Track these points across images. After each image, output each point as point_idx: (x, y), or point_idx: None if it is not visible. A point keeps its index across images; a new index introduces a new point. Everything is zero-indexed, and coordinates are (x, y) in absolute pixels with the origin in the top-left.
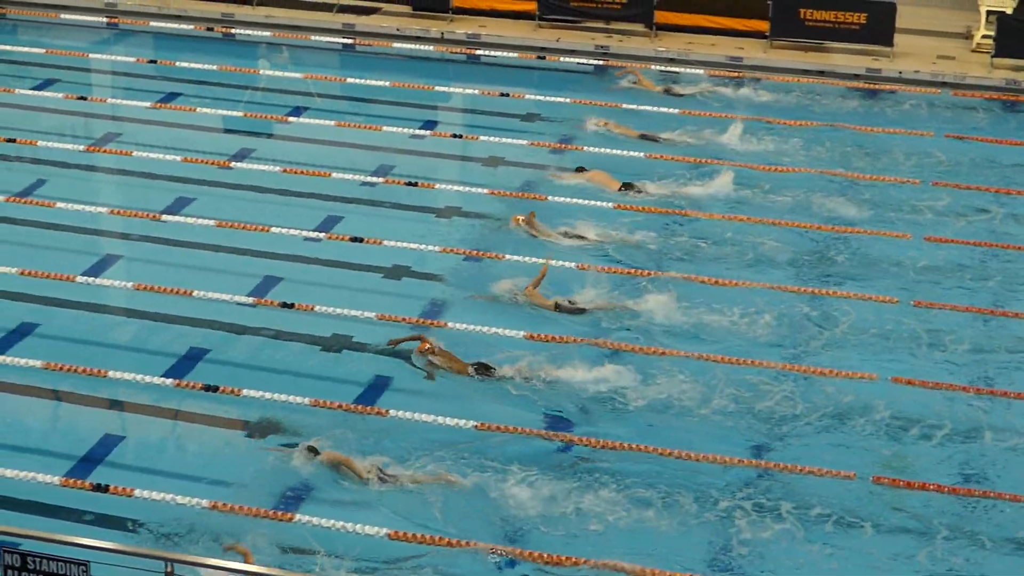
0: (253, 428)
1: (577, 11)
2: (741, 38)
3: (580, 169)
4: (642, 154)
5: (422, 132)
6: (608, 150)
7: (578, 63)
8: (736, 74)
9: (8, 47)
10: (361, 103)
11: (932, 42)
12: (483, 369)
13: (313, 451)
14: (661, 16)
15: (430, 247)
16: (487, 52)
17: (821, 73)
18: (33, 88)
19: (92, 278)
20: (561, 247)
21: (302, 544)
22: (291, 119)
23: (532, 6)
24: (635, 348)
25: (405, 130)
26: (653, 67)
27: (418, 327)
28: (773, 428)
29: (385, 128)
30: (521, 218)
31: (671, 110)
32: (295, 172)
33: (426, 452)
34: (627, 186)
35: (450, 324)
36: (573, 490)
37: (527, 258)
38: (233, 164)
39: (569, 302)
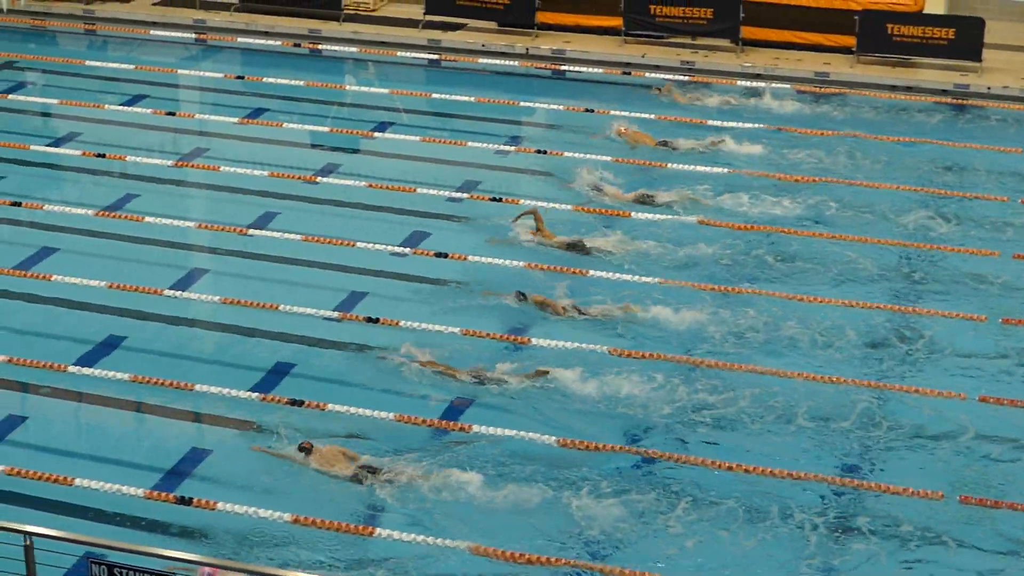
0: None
1: (663, 26)
2: (828, 53)
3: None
4: (725, 170)
5: (507, 148)
6: (693, 166)
7: (663, 79)
8: (822, 89)
9: (99, 63)
10: (446, 118)
11: (1021, 57)
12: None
13: (305, 450)
14: (747, 31)
15: (514, 262)
16: (572, 68)
17: (908, 89)
18: (123, 104)
19: (179, 292)
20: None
21: (378, 555)
22: (377, 134)
23: (618, 22)
24: (718, 364)
25: (490, 146)
26: (739, 83)
27: (503, 343)
28: (858, 446)
29: (470, 144)
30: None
31: (754, 125)
32: (381, 187)
33: (510, 465)
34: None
35: (534, 340)
36: (651, 505)
37: (613, 275)
38: (319, 179)
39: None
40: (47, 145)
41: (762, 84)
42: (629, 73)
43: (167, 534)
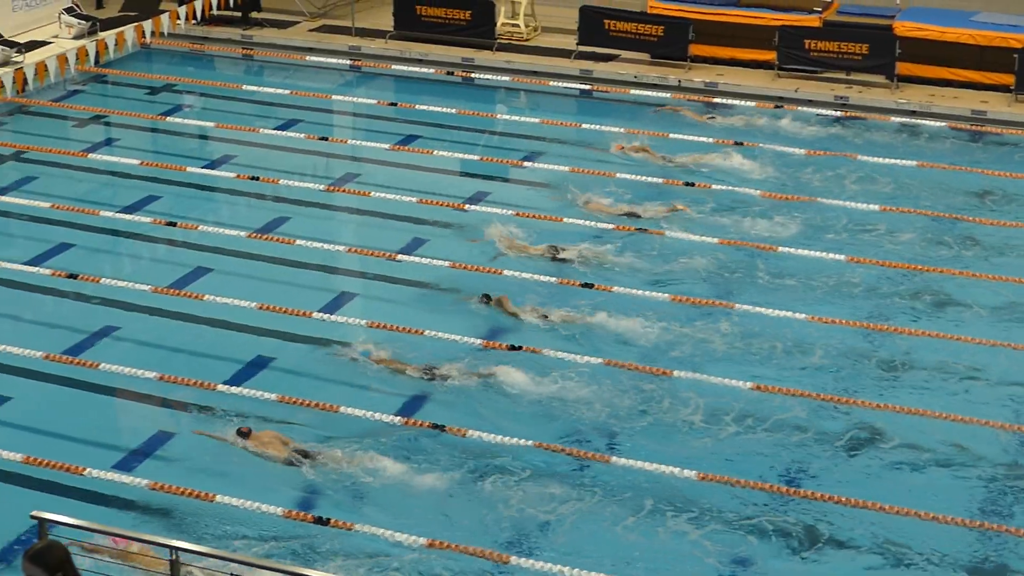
0: (475, 469)
1: (817, 61)
2: (985, 91)
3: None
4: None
5: (656, 180)
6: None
7: (816, 114)
8: (976, 127)
9: (255, 87)
10: (596, 149)
11: None
12: None
13: (243, 434)
14: (903, 67)
15: (661, 295)
16: (724, 100)
17: None
18: (277, 128)
19: (328, 315)
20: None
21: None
22: (526, 164)
23: (771, 56)
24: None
25: (640, 178)
26: (893, 119)
27: (649, 375)
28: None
29: (619, 175)
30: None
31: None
32: (528, 216)
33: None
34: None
35: (676, 372)
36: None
37: (762, 308)
38: (468, 207)
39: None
40: (203, 167)
41: (916, 121)
42: (781, 107)
43: (303, 552)
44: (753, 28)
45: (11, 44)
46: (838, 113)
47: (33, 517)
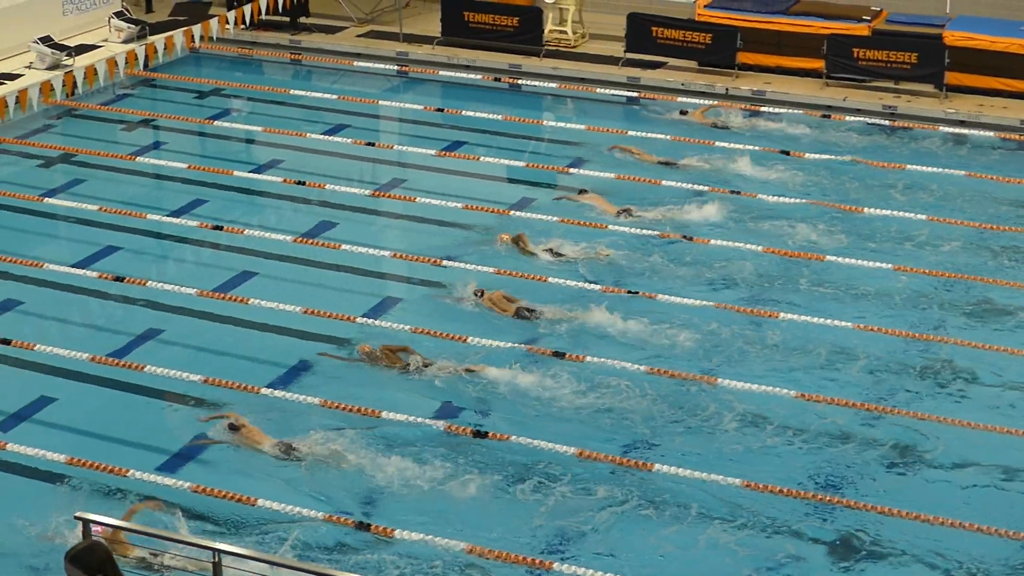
0: (516, 476)
1: (865, 70)
2: None
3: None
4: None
5: (701, 187)
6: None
7: (864, 122)
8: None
9: (303, 92)
10: (641, 155)
11: None
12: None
13: (234, 428)
14: (952, 77)
15: (704, 302)
16: (771, 109)
17: None
18: (324, 133)
19: (372, 320)
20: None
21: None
22: (572, 170)
23: (820, 64)
24: (921, 414)
25: (685, 185)
26: (942, 128)
27: (692, 381)
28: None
29: (664, 182)
30: (507, 237)
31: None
32: (573, 223)
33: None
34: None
35: (719, 380)
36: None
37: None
38: (513, 213)
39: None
40: (250, 171)
41: (964, 131)
42: (829, 116)
43: (345, 558)
44: (801, 36)
45: (61, 47)
46: (886, 122)
47: (76, 518)
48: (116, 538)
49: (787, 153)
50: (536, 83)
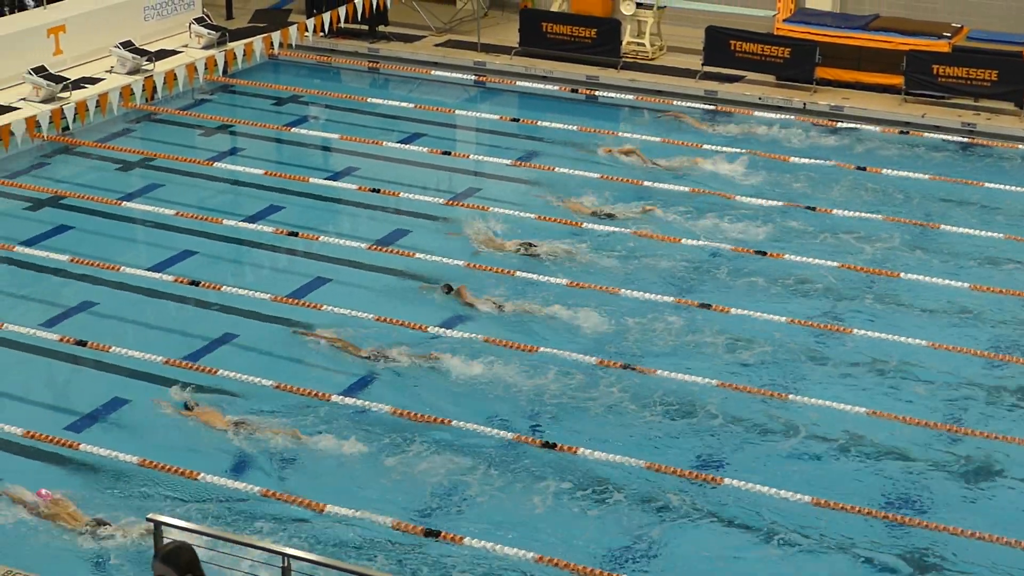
0: (584, 487)
1: (945, 87)
2: None
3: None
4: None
5: (775, 202)
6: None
7: (942, 139)
8: None
9: (380, 100)
10: (716, 171)
11: None
12: None
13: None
14: None
15: (777, 318)
16: (848, 124)
17: None
18: (400, 141)
19: (447, 330)
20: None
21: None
22: (645, 183)
23: (898, 80)
24: (994, 435)
25: (761, 201)
26: (1021, 147)
27: (764, 397)
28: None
29: (737, 197)
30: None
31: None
32: (646, 235)
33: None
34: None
35: (791, 395)
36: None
37: (881, 333)
38: (585, 224)
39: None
40: (325, 178)
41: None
42: (907, 133)
43: (414, 566)
44: (881, 52)
45: (142, 52)
46: (965, 139)
47: (149, 519)
48: (62, 507)
49: (863, 169)
50: (613, 95)
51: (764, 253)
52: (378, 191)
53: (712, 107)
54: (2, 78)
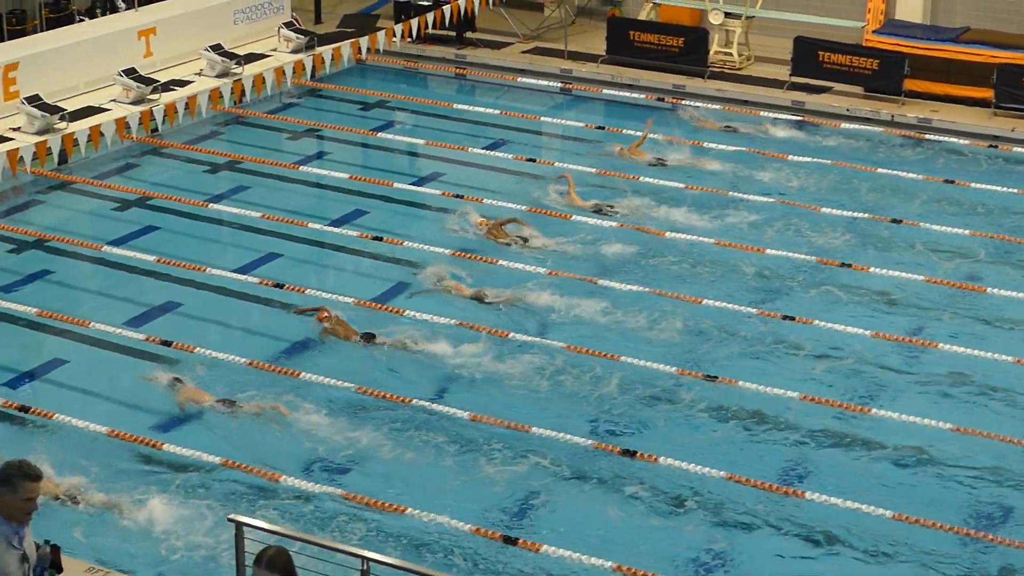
0: (663, 497)
1: None
2: None
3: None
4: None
5: (857, 215)
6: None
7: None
8: None
9: (466, 107)
10: (804, 182)
11: None
12: (370, 336)
13: (178, 381)
14: None
15: (856, 330)
16: (937, 137)
17: None
18: (485, 148)
19: (527, 336)
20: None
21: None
22: (731, 193)
23: (988, 93)
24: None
25: (844, 212)
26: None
27: (842, 410)
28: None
29: (823, 209)
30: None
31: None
32: (726, 244)
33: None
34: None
35: (875, 410)
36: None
37: (968, 349)
38: (668, 234)
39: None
40: (410, 183)
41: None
42: (996, 147)
43: (490, 571)
44: (971, 65)
45: (231, 56)
46: None
47: (230, 520)
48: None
49: (951, 182)
50: (699, 104)
51: (848, 265)
52: (462, 197)
53: (798, 118)
54: (93, 79)
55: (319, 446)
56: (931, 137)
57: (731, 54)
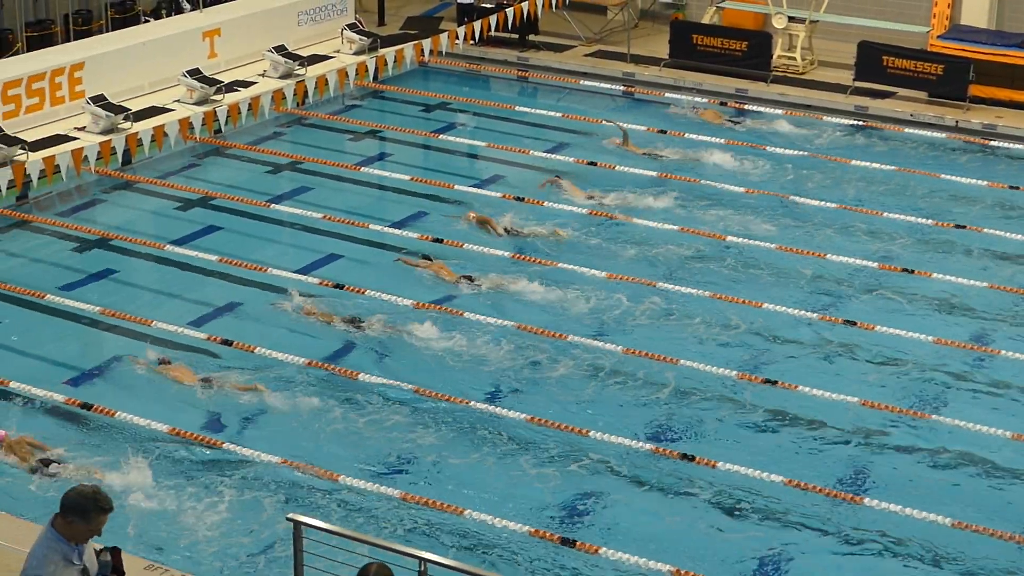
0: (727, 502)
1: None
2: None
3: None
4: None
5: (924, 221)
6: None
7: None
8: None
9: (528, 109)
10: (865, 187)
11: None
12: None
13: (164, 362)
14: None
15: (918, 336)
16: (1001, 143)
17: None
18: (546, 151)
19: (591, 340)
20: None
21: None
22: (792, 197)
23: None
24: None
25: (908, 217)
26: None
27: (901, 416)
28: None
29: (886, 214)
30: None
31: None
32: (789, 250)
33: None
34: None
35: (935, 417)
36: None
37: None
38: (728, 239)
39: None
40: (472, 186)
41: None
42: None
43: (551, 570)
44: None
45: (294, 57)
46: None
47: (289, 519)
48: (19, 444)
49: (1016, 188)
50: (762, 109)
51: (911, 271)
52: (522, 199)
53: (861, 123)
54: (158, 80)
55: (377, 446)
56: (996, 143)
57: (794, 58)
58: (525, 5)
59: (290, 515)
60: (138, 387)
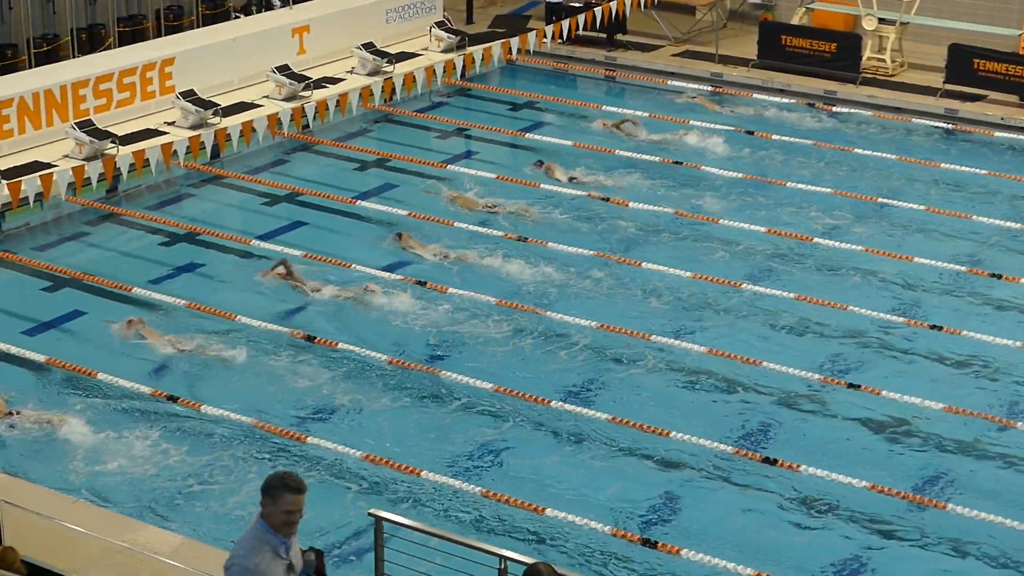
0: (808, 506)
1: None
2: None
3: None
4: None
5: (1014, 226)
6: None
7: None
8: None
9: (614, 108)
10: (954, 190)
11: None
12: None
13: (138, 322)
14: None
15: (1012, 342)
16: None
17: None
18: (629, 150)
19: (664, 339)
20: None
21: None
22: (881, 200)
23: None
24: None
25: (996, 221)
26: None
27: (992, 423)
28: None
29: (975, 217)
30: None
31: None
32: (878, 253)
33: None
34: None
35: (1019, 423)
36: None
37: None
38: (814, 240)
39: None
40: (557, 185)
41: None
42: None
43: (630, 572)
44: None
45: (382, 54)
46: None
47: (370, 515)
48: None
49: None
50: (851, 110)
51: (999, 276)
52: (608, 199)
53: (950, 126)
54: (247, 76)
55: (458, 444)
56: None
57: (884, 60)
58: (613, 4)
59: (372, 510)
60: (217, 378)
